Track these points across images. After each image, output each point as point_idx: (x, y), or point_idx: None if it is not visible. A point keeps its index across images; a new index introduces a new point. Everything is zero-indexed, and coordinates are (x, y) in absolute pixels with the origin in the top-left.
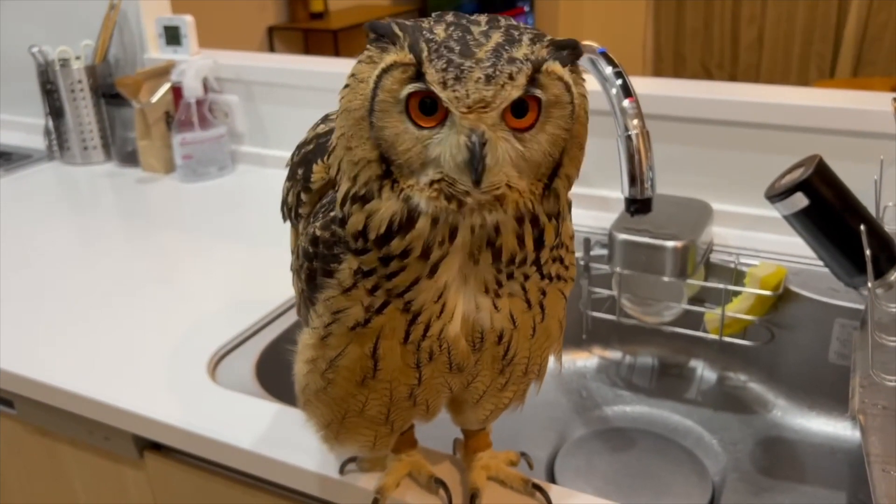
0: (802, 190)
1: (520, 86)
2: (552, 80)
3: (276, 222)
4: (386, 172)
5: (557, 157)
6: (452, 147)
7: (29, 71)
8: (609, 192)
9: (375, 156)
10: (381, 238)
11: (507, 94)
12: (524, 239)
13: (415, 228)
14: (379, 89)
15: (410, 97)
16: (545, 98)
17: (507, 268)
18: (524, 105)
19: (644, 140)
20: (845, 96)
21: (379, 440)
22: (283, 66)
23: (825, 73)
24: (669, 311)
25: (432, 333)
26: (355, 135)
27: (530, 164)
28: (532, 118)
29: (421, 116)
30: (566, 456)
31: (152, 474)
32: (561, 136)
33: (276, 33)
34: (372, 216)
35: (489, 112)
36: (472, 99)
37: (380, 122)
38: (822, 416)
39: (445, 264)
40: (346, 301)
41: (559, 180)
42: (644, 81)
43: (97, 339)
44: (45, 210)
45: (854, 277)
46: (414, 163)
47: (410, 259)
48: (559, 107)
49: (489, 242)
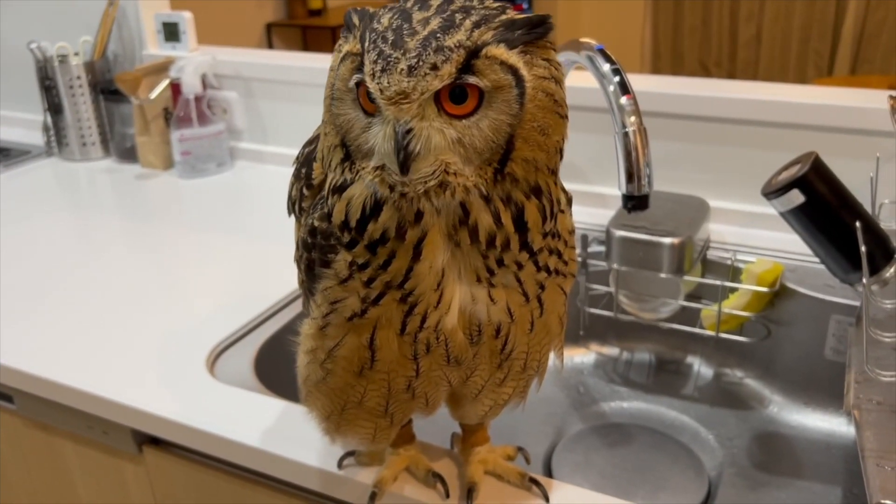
0: (799, 187)
1: (444, 75)
2: (492, 64)
3: (275, 218)
4: (346, 155)
5: (501, 142)
6: (384, 137)
7: (27, 67)
8: (606, 189)
9: (338, 140)
10: (359, 224)
11: (428, 84)
12: (500, 217)
13: (382, 211)
14: (336, 78)
15: (359, 85)
16: (483, 84)
17: (491, 251)
18: (463, 91)
19: (641, 137)
20: (842, 94)
21: (379, 433)
22: (282, 63)
23: (823, 71)
24: (666, 307)
25: (429, 325)
26: (327, 121)
27: (472, 149)
28: (472, 105)
29: (368, 104)
30: (563, 451)
31: (151, 469)
32: (504, 121)
33: (275, 30)
34: (350, 203)
35: (410, 104)
36: (393, 91)
37: (337, 110)
38: (817, 412)
39: (428, 245)
40: (343, 292)
41: (514, 164)
42: (641, 78)
43: (96, 334)
44: (44, 206)
45: (849, 274)
46: (362, 148)
47: (391, 243)
48: (502, 91)
49: (461, 221)
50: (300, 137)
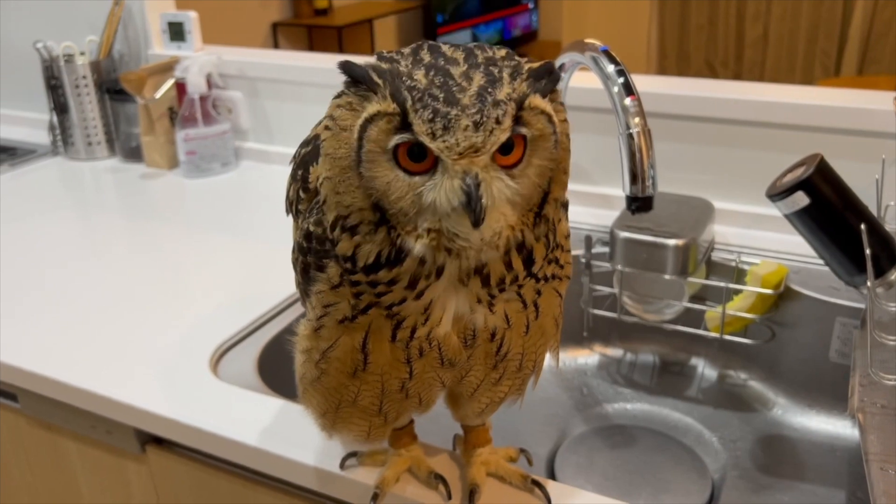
0: (803, 189)
1: (506, 128)
2: (535, 115)
3: (279, 218)
4: (381, 219)
5: (546, 186)
6: (448, 192)
7: (34, 66)
8: (610, 190)
9: (368, 204)
10: (368, 267)
11: (496, 138)
12: (512, 264)
13: (403, 265)
14: (364, 140)
15: (399, 146)
16: (530, 134)
17: (498, 287)
18: (510, 143)
19: (645, 138)
20: (847, 95)
21: (373, 430)
22: (287, 63)
23: (830, 71)
24: (670, 308)
25: (419, 336)
26: (343, 182)
27: (523, 198)
28: (518, 154)
29: (410, 163)
30: (566, 453)
31: (154, 468)
32: (548, 166)
33: (281, 30)
34: (360, 247)
35: (480, 156)
36: (463, 147)
37: (369, 173)
38: (822, 415)
39: (431, 290)
40: (335, 296)
41: (548, 206)
42: (646, 79)
43: (100, 333)
44: (49, 205)
45: (854, 276)
46: (409, 210)
47: (397, 287)
48: (544, 139)
49: (477, 270)
50: (304, 137)
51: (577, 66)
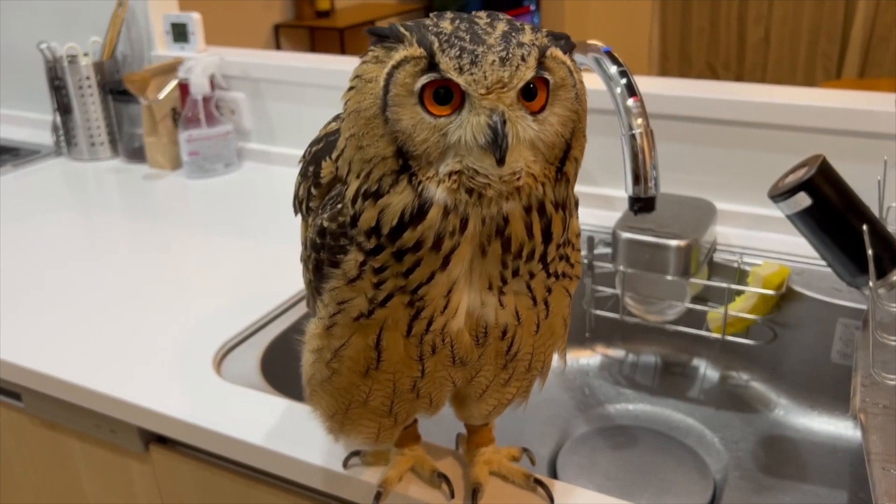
0: (805, 189)
1: (532, 67)
2: (557, 63)
3: (282, 218)
4: (403, 167)
5: (568, 137)
6: (474, 128)
7: (37, 67)
8: (613, 191)
9: (391, 151)
10: (394, 231)
11: (523, 74)
12: (532, 228)
13: (426, 219)
14: (391, 85)
15: (425, 88)
16: (553, 80)
17: (514, 262)
18: (534, 88)
19: (648, 139)
20: (849, 97)
21: (382, 432)
22: (290, 64)
23: (831, 74)
24: (672, 309)
25: (435, 328)
26: (367, 133)
27: (546, 145)
28: (542, 100)
29: (436, 106)
30: (568, 453)
31: (158, 467)
32: (570, 117)
33: (283, 31)
34: (384, 210)
35: (507, 92)
36: (490, 80)
37: (395, 116)
38: (824, 416)
39: (457, 255)
40: (351, 292)
41: (569, 163)
42: (648, 80)
43: (104, 333)
44: (52, 205)
45: (856, 277)
46: (432, 152)
47: (423, 251)
48: (565, 89)
49: (498, 231)
50: (308, 138)
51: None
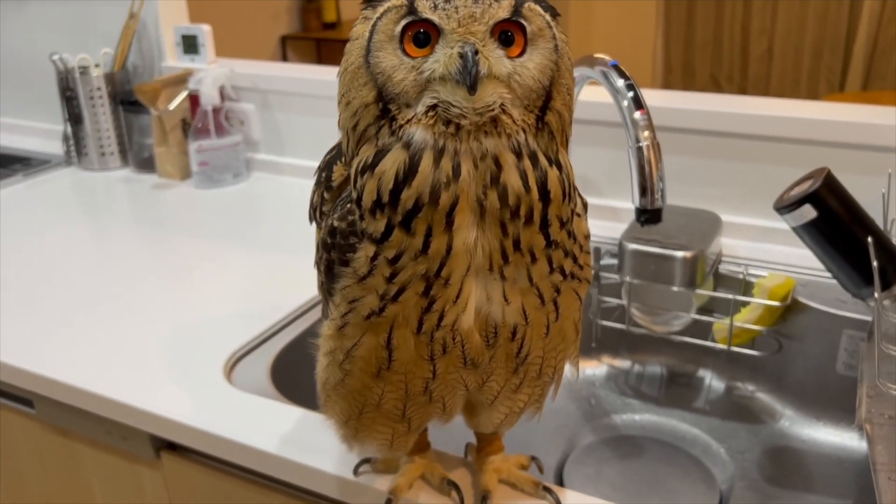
0: (811, 202)
1: (506, 7)
2: (535, 14)
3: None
4: (383, 112)
5: (547, 85)
6: (446, 60)
7: (49, 78)
8: (619, 203)
9: (373, 96)
10: (392, 196)
11: (494, 11)
12: (527, 179)
13: (419, 171)
14: (374, 33)
15: (405, 32)
16: (530, 28)
17: (513, 223)
18: (511, 36)
19: (654, 151)
20: (853, 110)
21: (397, 438)
22: (299, 76)
23: (835, 87)
24: (678, 320)
25: (446, 323)
26: (353, 85)
27: (522, 87)
28: (520, 47)
29: (414, 48)
30: (575, 462)
31: (168, 474)
32: (548, 65)
33: (289, 43)
34: (381, 178)
35: (479, 26)
36: (461, 14)
37: (375, 59)
38: (829, 426)
39: (460, 212)
40: (362, 290)
41: (551, 113)
42: (655, 94)
43: (115, 340)
44: (63, 214)
45: (861, 289)
46: (409, 91)
47: (425, 211)
48: (543, 39)
49: (493, 179)
50: (315, 148)
51: (587, 81)
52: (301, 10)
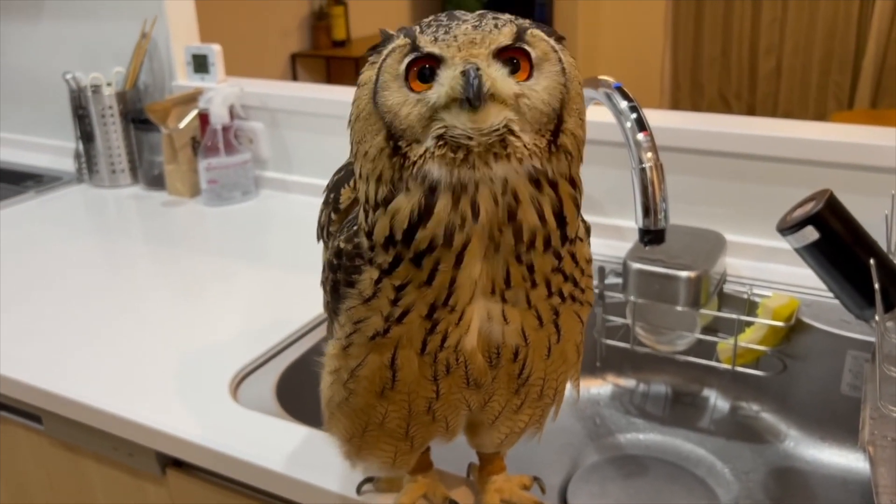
0: (813, 223)
1: (507, 34)
2: (538, 40)
3: (298, 246)
4: (394, 150)
5: (557, 108)
6: (449, 82)
7: (62, 96)
8: (623, 222)
9: (383, 136)
10: (406, 234)
11: (494, 37)
12: (543, 212)
13: (434, 213)
14: (381, 74)
15: (409, 69)
16: (535, 53)
17: (526, 251)
18: (517, 62)
19: (658, 172)
20: (857, 131)
21: (399, 457)
22: (307, 95)
23: (843, 104)
24: (683, 340)
25: (449, 344)
26: (367, 133)
27: (531, 110)
28: (526, 72)
29: (419, 84)
30: (579, 482)
31: (174, 491)
32: (558, 88)
33: (299, 60)
34: (395, 215)
35: (479, 49)
36: (461, 41)
37: (382, 99)
38: (834, 447)
39: (470, 251)
40: (367, 311)
41: (564, 136)
42: (659, 114)
43: (123, 356)
44: (73, 231)
45: (864, 310)
46: (416, 125)
47: (437, 252)
48: (550, 62)
49: (510, 216)
50: (323, 167)
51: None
52: (311, 28)
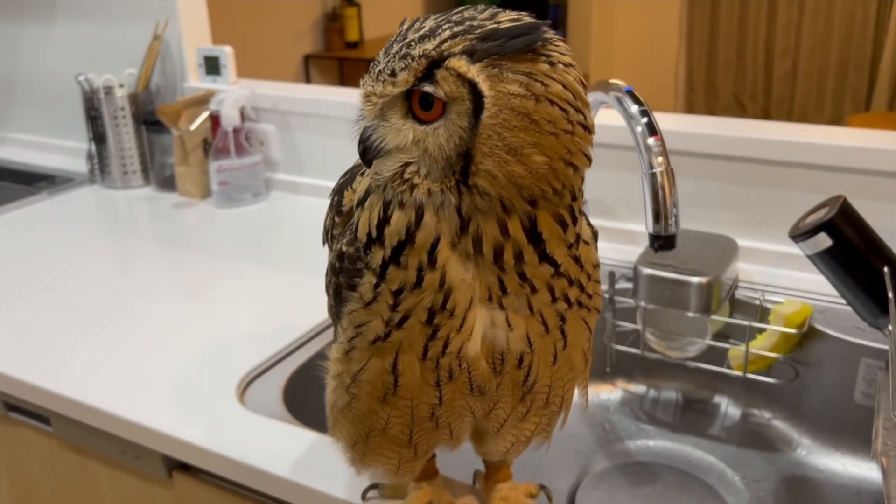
0: (826, 230)
1: (401, 82)
2: (449, 76)
3: (308, 249)
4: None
5: (453, 153)
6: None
7: (75, 98)
8: (634, 226)
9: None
10: (378, 231)
11: (384, 89)
12: (507, 226)
13: (392, 214)
14: None
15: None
16: (439, 94)
17: (500, 262)
18: (430, 99)
19: (668, 177)
20: (871, 136)
21: (403, 464)
22: (318, 97)
23: (860, 107)
24: (694, 346)
25: (451, 350)
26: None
27: (429, 155)
28: (437, 112)
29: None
30: (588, 488)
31: (180, 494)
32: (457, 133)
33: (312, 62)
34: (371, 212)
35: (372, 106)
36: (363, 93)
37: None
38: (847, 457)
39: (441, 251)
40: (367, 315)
41: (477, 177)
42: (671, 118)
43: (131, 359)
44: (85, 232)
45: (878, 318)
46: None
47: (408, 249)
48: (457, 103)
49: (462, 228)
50: (334, 170)
51: (602, 105)
52: (324, 30)
